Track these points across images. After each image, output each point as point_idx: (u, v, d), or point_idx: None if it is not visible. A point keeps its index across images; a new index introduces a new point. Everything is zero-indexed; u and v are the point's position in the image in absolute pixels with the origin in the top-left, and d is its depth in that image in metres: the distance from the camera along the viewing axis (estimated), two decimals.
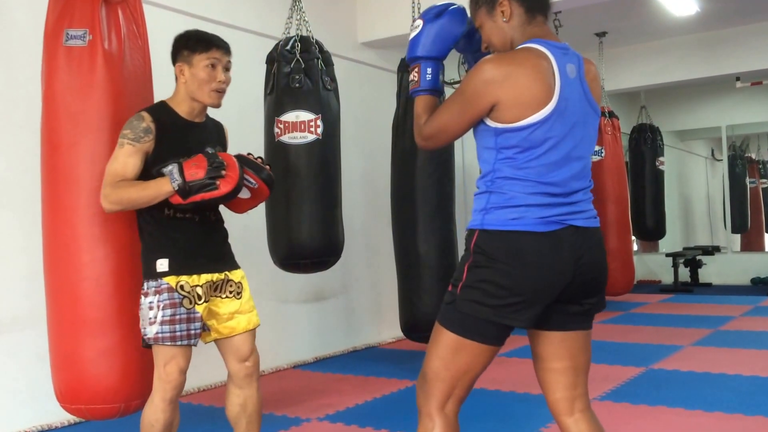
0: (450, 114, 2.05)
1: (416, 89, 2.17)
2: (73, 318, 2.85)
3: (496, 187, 2.00)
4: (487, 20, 2.12)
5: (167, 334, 2.57)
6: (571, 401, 2.13)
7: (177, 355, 2.60)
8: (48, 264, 2.94)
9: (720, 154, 11.86)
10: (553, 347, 2.11)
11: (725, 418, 3.67)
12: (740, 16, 7.72)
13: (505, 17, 2.08)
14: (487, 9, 2.11)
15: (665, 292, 9.93)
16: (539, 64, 1.96)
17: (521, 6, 2.07)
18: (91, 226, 2.84)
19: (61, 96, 2.89)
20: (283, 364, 5.24)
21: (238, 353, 2.75)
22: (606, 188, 7.66)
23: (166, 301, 2.58)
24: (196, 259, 2.67)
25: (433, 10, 2.18)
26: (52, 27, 2.94)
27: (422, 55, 2.16)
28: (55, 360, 2.92)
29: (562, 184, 2.00)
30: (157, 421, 2.61)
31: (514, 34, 2.08)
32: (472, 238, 2.02)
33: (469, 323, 1.98)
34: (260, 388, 2.83)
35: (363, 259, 6.06)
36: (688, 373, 4.76)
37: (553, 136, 1.97)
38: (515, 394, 4.25)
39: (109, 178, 2.60)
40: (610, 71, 8.30)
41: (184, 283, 2.61)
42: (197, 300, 2.63)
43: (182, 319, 2.59)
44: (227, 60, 2.77)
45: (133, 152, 2.60)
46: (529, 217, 1.96)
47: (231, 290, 2.75)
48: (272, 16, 5.06)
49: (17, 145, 3.74)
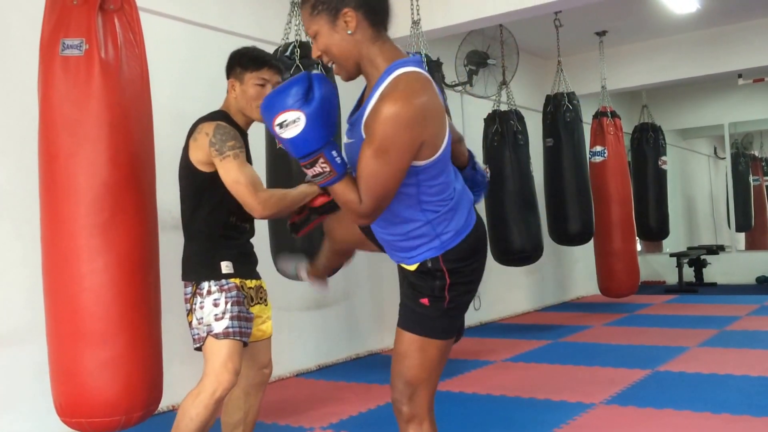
0: (383, 178, 1.88)
1: (334, 179, 1.92)
2: (72, 330, 2.82)
3: (431, 214, 2.04)
4: (327, 29, 1.97)
5: (237, 329, 2.64)
6: None
7: (235, 354, 2.64)
8: (47, 275, 2.91)
9: (723, 152, 11.83)
10: None
11: (733, 419, 3.64)
12: (741, 12, 7.70)
13: (349, 29, 1.95)
14: (328, 16, 1.96)
15: (670, 292, 9.90)
16: (434, 91, 1.96)
17: (367, 19, 1.96)
18: (90, 236, 2.81)
19: (58, 106, 2.86)
20: (285, 373, 5.21)
21: (259, 359, 2.87)
22: (610, 189, 7.63)
23: (234, 298, 2.67)
24: (250, 264, 2.85)
25: (295, 92, 1.89)
26: (48, 37, 2.91)
27: (321, 145, 1.89)
28: (55, 373, 2.89)
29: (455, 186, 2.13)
30: (198, 416, 2.59)
31: (362, 48, 1.97)
32: (438, 264, 2.07)
33: (449, 324, 2.13)
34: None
35: (365, 266, 6.03)
36: (694, 374, 4.72)
37: (448, 153, 2.04)
38: (521, 399, 4.22)
39: (253, 187, 2.60)
40: (611, 70, 8.26)
41: (243, 284, 2.74)
42: (251, 302, 2.77)
43: (246, 317, 2.70)
44: (277, 80, 2.82)
45: (245, 163, 2.67)
46: (463, 217, 2.10)
47: (261, 297, 2.89)
48: (271, 22, 5.03)
49: (15, 156, 3.72)
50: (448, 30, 5.64)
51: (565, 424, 3.67)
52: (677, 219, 11.17)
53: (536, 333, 6.73)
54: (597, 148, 7.74)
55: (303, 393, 4.75)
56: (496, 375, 4.94)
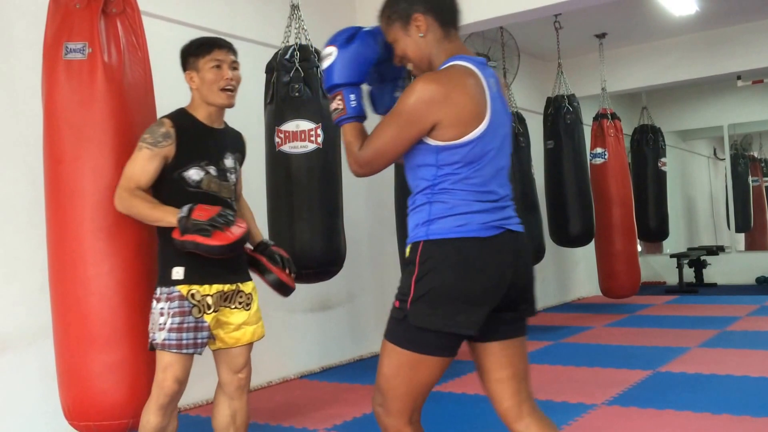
0: (388, 137, 2.02)
1: (343, 117, 2.10)
2: (79, 333, 2.84)
3: (437, 198, 2.03)
4: (402, 35, 2.12)
5: (173, 341, 2.59)
6: (518, 407, 2.14)
7: (175, 364, 2.61)
8: (53, 279, 2.93)
9: (722, 153, 11.84)
10: (494, 358, 2.13)
11: (733, 420, 3.65)
12: (740, 14, 7.72)
13: (420, 32, 2.09)
14: (401, 24, 2.11)
15: (670, 293, 9.91)
16: (471, 82, 2.01)
17: (436, 21, 2.09)
18: (96, 240, 2.83)
19: (62, 110, 2.88)
20: (290, 375, 5.22)
21: (233, 364, 2.77)
22: (610, 191, 7.65)
23: (176, 309, 2.61)
24: (210, 269, 2.68)
25: (343, 34, 2.14)
26: (51, 41, 2.93)
27: (342, 81, 2.10)
28: (63, 376, 2.90)
29: (495, 191, 2.06)
30: (148, 423, 2.65)
31: (431, 49, 2.10)
32: (416, 251, 2.03)
33: (422, 338, 2.00)
34: (249, 401, 2.84)
35: (368, 267, 6.04)
36: (695, 375, 4.74)
37: (491, 149, 2.03)
38: None
39: (124, 181, 2.66)
40: (610, 72, 8.28)
41: (195, 292, 2.64)
42: (206, 309, 2.65)
43: (190, 327, 2.61)
44: (231, 59, 2.80)
45: (151, 156, 2.65)
46: (474, 222, 2.00)
47: (240, 301, 2.77)
48: (271, 25, 5.05)
49: (20, 160, 3.74)
50: None
51: (567, 426, 3.68)
52: (677, 220, 11.19)
53: (537, 334, 6.73)
54: (597, 149, 7.76)
55: (307, 394, 4.76)
56: None
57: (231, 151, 2.84)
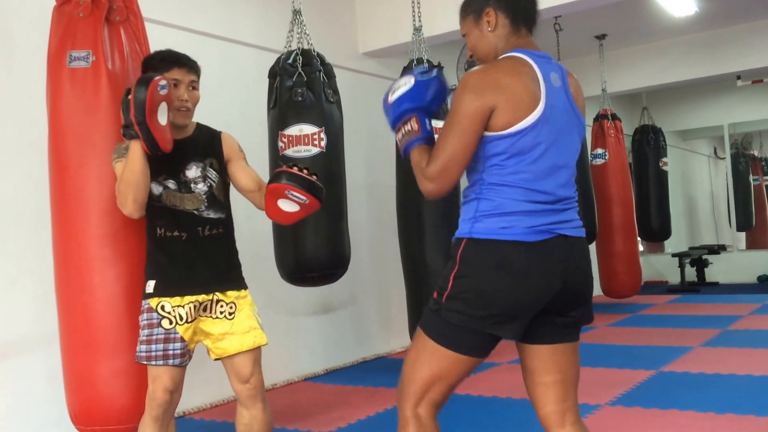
0: (451, 142, 1.97)
1: (416, 137, 2.09)
2: (85, 339, 2.86)
3: (485, 194, 2.00)
4: (474, 29, 2.16)
5: (143, 353, 2.62)
6: (561, 414, 2.10)
7: (163, 375, 2.62)
8: (59, 286, 2.95)
9: (723, 152, 11.86)
10: (542, 361, 2.10)
11: (737, 419, 3.66)
12: (739, 15, 7.74)
13: (490, 27, 2.12)
14: (474, 18, 2.15)
15: (672, 292, 9.93)
16: (523, 71, 1.99)
17: (507, 17, 2.11)
18: (101, 246, 2.85)
19: (67, 118, 2.90)
20: (294, 377, 5.24)
21: (239, 374, 2.74)
22: (611, 191, 7.67)
23: (146, 321, 2.63)
24: (179, 280, 2.66)
25: (419, 69, 2.19)
26: (55, 49, 2.95)
27: (417, 106, 2.11)
28: (69, 381, 2.92)
29: (550, 191, 2.00)
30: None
31: (499, 43, 2.12)
32: (459, 247, 2.01)
33: (449, 332, 1.99)
34: (268, 408, 2.79)
35: (370, 270, 6.06)
36: (698, 374, 4.75)
37: (541, 143, 1.97)
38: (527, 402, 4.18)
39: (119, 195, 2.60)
40: (610, 73, 8.30)
41: (165, 304, 2.63)
42: (179, 321, 2.63)
43: (159, 339, 2.61)
44: (191, 79, 2.73)
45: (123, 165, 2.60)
46: (519, 226, 1.95)
47: (222, 311, 2.72)
48: (273, 30, 5.07)
49: (24, 167, 3.75)
50: (449, 36, 5.70)
51: None
52: (678, 219, 11.19)
53: None
54: (598, 150, 7.78)
55: (311, 397, 4.78)
56: (502, 377, 4.95)
57: (198, 159, 2.73)
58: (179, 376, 2.67)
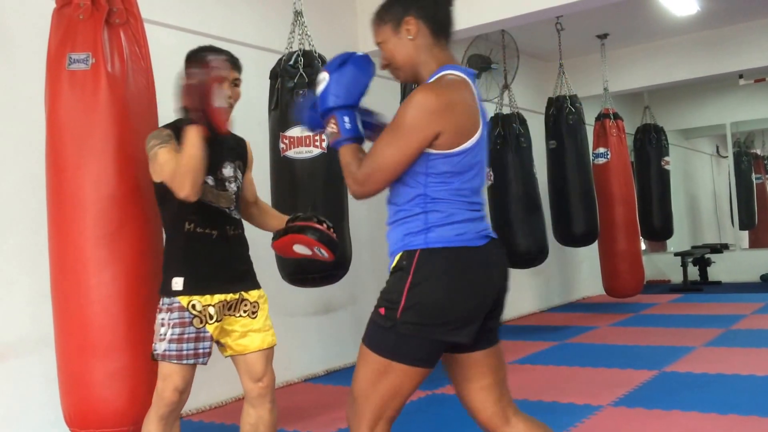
0: (389, 151, 1.98)
1: (338, 140, 2.08)
2: (81, 341, 2.85)
3: (431, 207, 2.02)
4: (392, 36, 2.13)
5: (174, 352, 2.59)
6: (502, 412, 2.15)
7: (175, 374, 2.60)
8: (55, 287, 2.95)
9: (725, 151, 11.84)
10: (478, 366, 2.12)
11: (741, 420, 3.65)
12: (741, 14, 7.72)
13: (410, 35, 2.10)
14: (392, 26, 2.12)
15: (675, 291, 9.92)
16: (466, 94, 2.03)
17: (427, 27, 2.10)
18: (97, 248, 2.84)
19: (66, 120, 2.90)
20: (294, 378, 5.23)
21: (252, 372, 2.74)
22: (613, 190, 7.66)
23: (176, 320, 2.59)
24: (211, 279, 2.66)
25: (335, 60, 2.13)
26: (55, 51, 2.94)
27: (335, 105, 2.07)
28: (64, 384, 2.92)
29: (481, 201, 2.11)
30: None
31: (420, 55, 2.11)
32: (412, 259, 2.01)
33: (404, 347, 1.97)
34: (275, 410, 2.80)
35: (370, 270, 6.04)
36: (701, 375, 4.74)
37: (479, 161, 2.06)
38: (528, 402, 4.23)
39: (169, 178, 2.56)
40: (612, 73, 8.29)
41: (196, 303, 2.61)
42: (209, 319, 2.63)
43: (191, 338, 2.60)
44: (235, 76, 2.76)
45: (170, 150, 2.57)
46: (470, 232, 2.03)
47: (245, 309, 2.75)
48: (274, 31, 5.06)
49: (22, 168, 3.75)
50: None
51: (574, 427, 3.69)
52: (681, 218, 11.18)
53: (542, 334, 6.74)
54: (600, 149, 7.76)
55: (311, 398, 4.77)
56: None
57: (231, 160, 2.79)
58: (191, 376, 2.66)
